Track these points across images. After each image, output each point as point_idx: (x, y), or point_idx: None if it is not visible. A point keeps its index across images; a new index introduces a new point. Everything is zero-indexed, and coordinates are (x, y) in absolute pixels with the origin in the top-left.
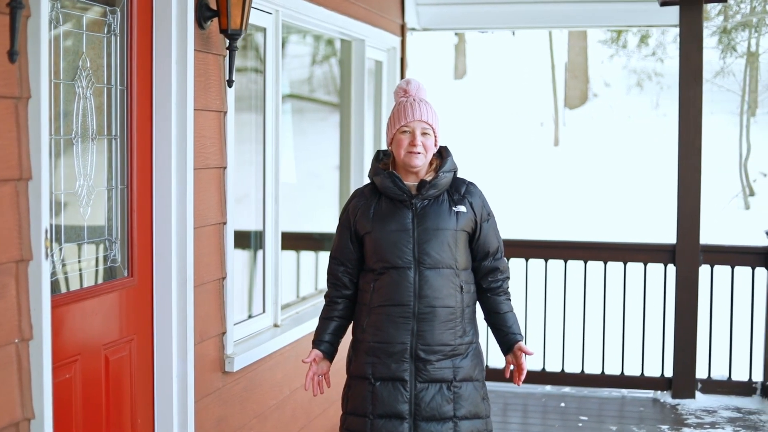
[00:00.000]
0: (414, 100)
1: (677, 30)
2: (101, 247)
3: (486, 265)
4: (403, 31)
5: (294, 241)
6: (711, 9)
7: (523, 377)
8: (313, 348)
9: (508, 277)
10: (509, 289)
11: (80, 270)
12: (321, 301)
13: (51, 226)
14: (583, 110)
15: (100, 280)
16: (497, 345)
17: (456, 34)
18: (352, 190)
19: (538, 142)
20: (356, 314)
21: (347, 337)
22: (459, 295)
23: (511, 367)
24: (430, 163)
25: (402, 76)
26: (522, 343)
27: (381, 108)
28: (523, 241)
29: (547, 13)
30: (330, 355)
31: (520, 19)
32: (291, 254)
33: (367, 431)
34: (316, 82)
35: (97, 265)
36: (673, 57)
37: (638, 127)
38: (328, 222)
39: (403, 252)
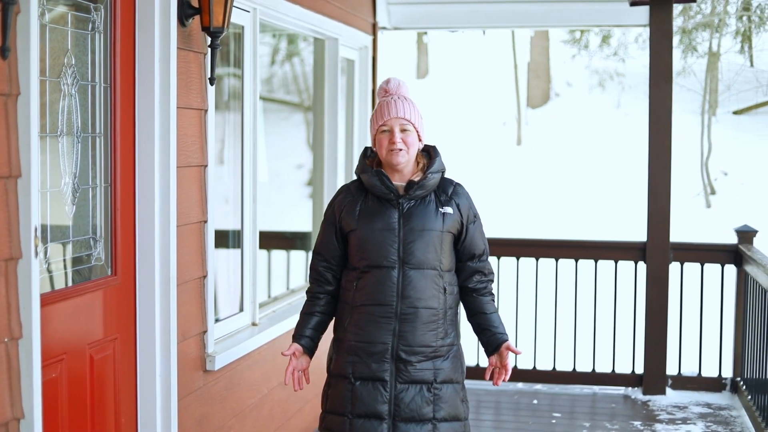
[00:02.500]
0: (393, 98)
1: (638, 30)
2: (85, 245)
3: (471, 267)
4: (374, 30)
5: (263, 240)
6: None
7: (506, 378)
8: (293, 342)
9: (492, 279)
10: (493, 290)
11: (65, 269)
12: (295, 300)
13: (38, 224)
14: (545, 110)
15: (84, 279)
16: (471, 341)
17: (425, 33)
18: (325, 189)
19: (500, 142)
20: (338, 312)
21: (328, 335)
22: (442, 296)
23: (492, 372)
24: (417, 162)
25: (374, 75)
26: (510, 343)
27: (353, 107)
28: (495, 240)
29: (516, 12)
30: (310, 350)
31: (490, 18)
32: (262, 253)
33: (346, 430)
34: (276, 83)
35: (81, 263)
36: (635, 57)
37: (600, 126)
38: (289, 220)
39: (388, 252)
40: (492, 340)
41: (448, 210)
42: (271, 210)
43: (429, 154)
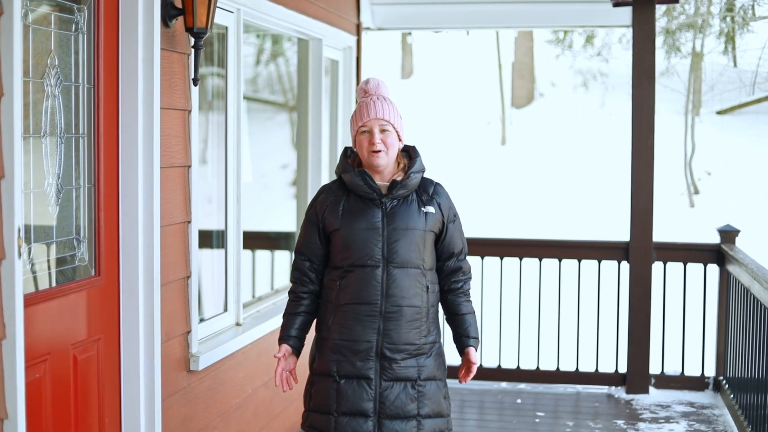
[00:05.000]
0: (371, 99)
1: (622, 30)
2: (69, 246)
3: (449, 266)
4: (358, 30)
5: (247, 240)
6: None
7: (468, 379)
8: (281, 343)
9: (470, 278)
10: (470, 290)
11: (49, 269)
12: (279, 300)
13: (22, 225)
14: (529, 109)
15: (68, 280)
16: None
17: (409, 33)
18: (309, 189)
19: (485, 141)
20: (321, 311)
21: (310, 334)
22: (425, 294)
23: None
24: (398, 162)
25: (358, 76)
26: (472, 350)
27: (337, 107)
28: (479, 239)
29: (499, 13)
30: (298, 350)
31: (474, 19)
32: (247, 253)
33: (332, 428)
34: (261, 83)
35: (64, 264)
36: (618, 57)
37: (584, 126)
38: (275, 220)
39: (373, 251)
40: (460, 341)
41: (430, 209)
42: (257, 210)
43: (409, 154)
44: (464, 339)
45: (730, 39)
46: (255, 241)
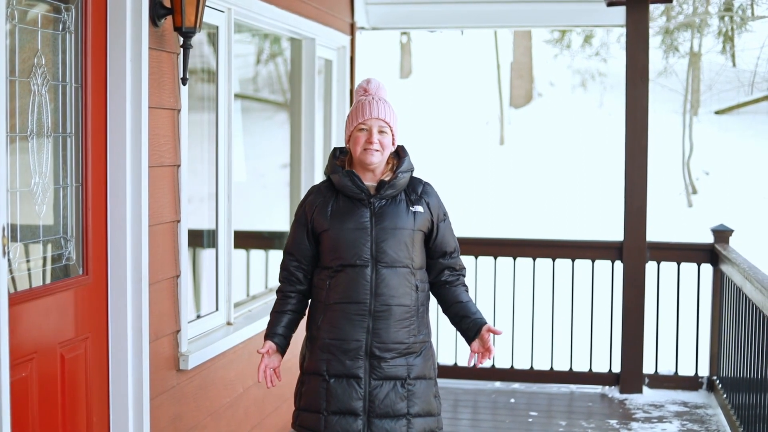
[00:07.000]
0: (373, 98)
1: (621, 30)
2: (56, 245)
3: (443, 263)
4: (352, 30)
5: (242, 240)
6: (654, 9)
7: (490, 357)
8: (266, 340)
9: (464, 273)
10: (466, 283)
11: (36, 268)
12: (271, 300)
13: (7, 224)
14: (528, 109)
15: (55, 279)
16: (449, 341)
17: (405, 33)
18: (303, 188)
19: (483, 141)
20: (311, 311)
21: (300, 333)
22: (414, 293)
23: (475, 357)
24: (387, 162)
25: (352, 75)
26: (489, 324)
27: (331, 107)
28: (472, 239)
29: (494, 12)
30: (283, 348)
31: (468, 18)
32: (240, 252)
33: (321, 428)
34: (261, 82)
35: (52, 263)
36: (617, 57)
37: (583, 126)
38: (273, 220)
39: (361, 250)
40: (471, 325)
41: (419, 209)
42: (256, 210)
43: (398, 153)
44: (477, 320)
45: (729, 38)
46: (249, 240)
